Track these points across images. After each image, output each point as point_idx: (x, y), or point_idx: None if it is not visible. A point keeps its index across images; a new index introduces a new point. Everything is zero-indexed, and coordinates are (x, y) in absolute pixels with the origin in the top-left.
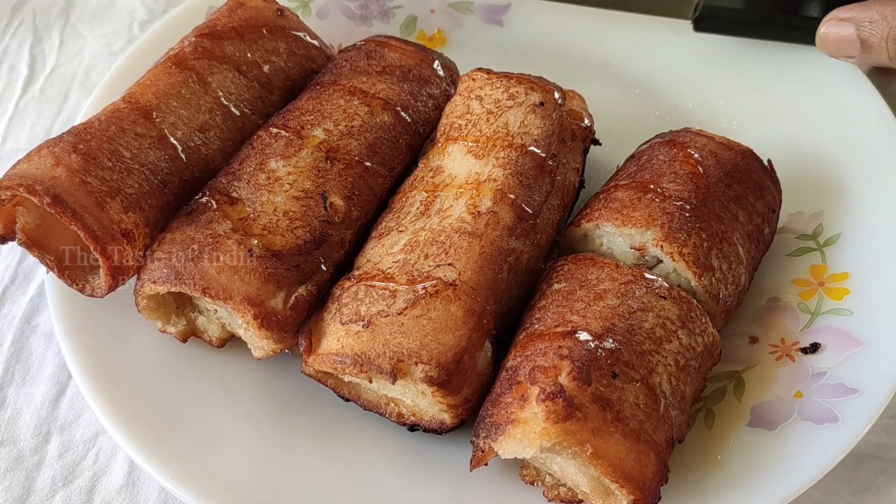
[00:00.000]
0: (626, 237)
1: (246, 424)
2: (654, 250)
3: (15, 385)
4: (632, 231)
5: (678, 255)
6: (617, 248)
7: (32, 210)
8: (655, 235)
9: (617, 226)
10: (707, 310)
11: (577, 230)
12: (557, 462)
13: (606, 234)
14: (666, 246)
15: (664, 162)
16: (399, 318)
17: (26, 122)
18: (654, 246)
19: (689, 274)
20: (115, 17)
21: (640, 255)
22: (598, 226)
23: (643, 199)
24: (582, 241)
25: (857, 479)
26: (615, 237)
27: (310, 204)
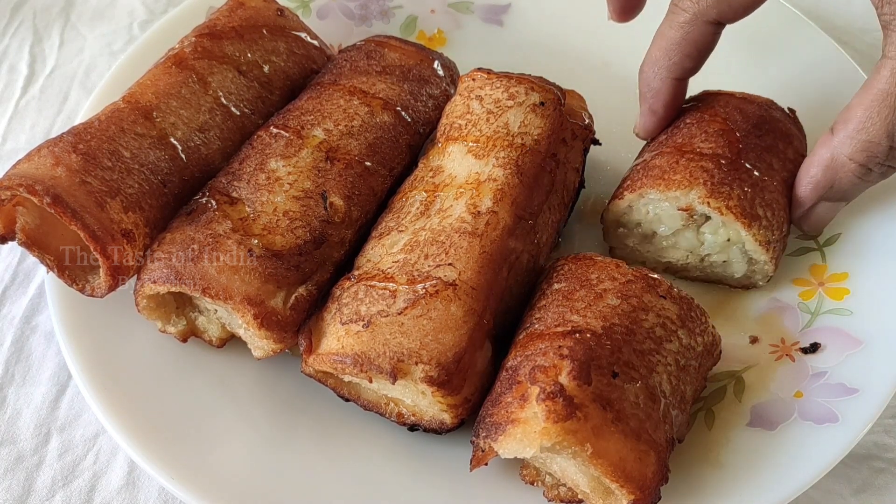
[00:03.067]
0: (671, 200)
1: (246, 424)
2: (702, 207)
3: (15, 385)
4: (676, 193)
5: (725, 208)
6: (664, 213)
7: (32, 210)
8: (700, 193)
9: (661, 191)
10: (757, 258)
11: (621, 202)
12: (557, 462)
13: (651, 201)
14: (712, 202)
15: (692, 124)
16: (399, 318)
17: (26, 122)
18: (701, 203)
19: (738, 225)
20: (115, 17)
21: (688, 215)
22: (643, 195)
23: (681, 162)
24: (627, 212)
25: (857, 479)
26: (660, 203)
27: (310, 204)
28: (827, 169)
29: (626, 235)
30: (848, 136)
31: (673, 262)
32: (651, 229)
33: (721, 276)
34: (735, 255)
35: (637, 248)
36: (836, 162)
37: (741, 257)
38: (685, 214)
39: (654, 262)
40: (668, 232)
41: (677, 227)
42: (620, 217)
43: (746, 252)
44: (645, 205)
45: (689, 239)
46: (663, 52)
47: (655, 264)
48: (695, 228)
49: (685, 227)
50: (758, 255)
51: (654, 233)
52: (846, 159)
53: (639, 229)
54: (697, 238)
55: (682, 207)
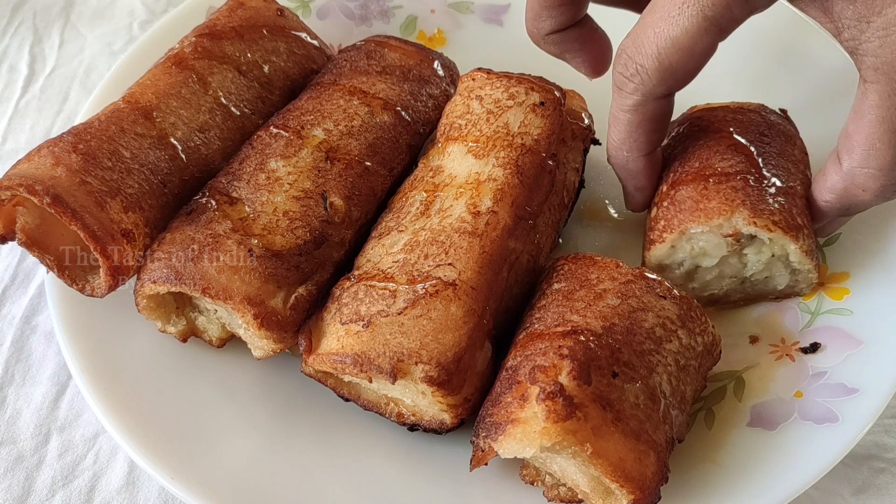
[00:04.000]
0: (715, 230)
1: (246, 424)
2: (748, 229)
3: (15, 385)
4: (719, 221)
5: (772, 224)
6: (708, 244)
7: (32, 210)
8: (744, 216)
9: (703, 222)
10: (801, 268)
11: (662, 246)
12: (557, 462)
13: (694, 236)
14: (758, 221)
15: (701, 146)
16: (399, 318)
17: (26, 122)
18: (747, 225)
19: (787, 240)
20: (115, 17)
21: (734, 240)
22: (684, 231)
23: (709, 188)
24: (670, 254)
25: (857, 479)
26: (704, 235)
27: (310, 204)
28: (841, 197)
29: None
30: (857, 166)
31: (716, 293)
32: (695, 265)
33: (762, 292)
34: (778, 269)
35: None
36: (849, 192)
37: (784, 270)
38: (731, 241)
39: (696, 296)
40: (713, 263)
41: (723, 255)
42: (663, 261)
43: (790, 264)
44: (688, 241)
45: (732, 265)
46: (625, 135)
47: (697, 299)
48: (738, 253)
49: (729, 255)
50: (802, 265)
51: (696, 268)
52: (860, 190)
53: (681, 269)
54: (741, 262)
55: (727, 234)
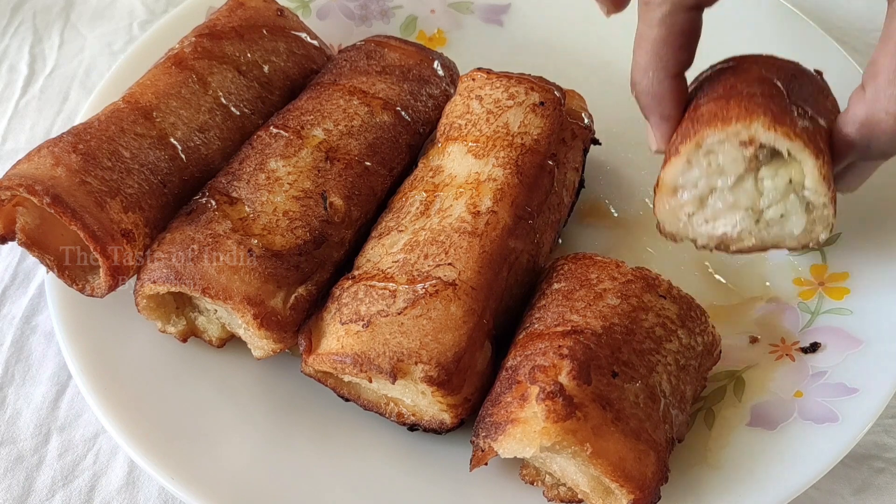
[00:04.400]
0: (732, 137)
1: (246, 424)
2: (767, 135)
3: (15, 385)
4: (737, 127)
5: (793, 134)
6: (726, 157)
7: (32, 210)
8: (763, 122)
9: (720, 128)
10: (816, 201)
11: (678, 159)
12: (557, 462)
13: (711, 146)
14: (778, 128)
15: (728, 77)
16: (399, 318)
17: (26, 122)
18: (767, 130)
19: (806, 154)
20: (115, 17)
21: (752, 152)
22: (700, 141)
23: (731, 102)
24: (685, 170)
25: (857, 479)
26: (721, 145)
27: (310, 204)
28: (862, 126)
29: (680, 206)
30: (881, 89)
31: (728, 233)
32: (709, 186)
33: (778, 239)
34: (793, 205)
35: (690, 224)
36: (872, 119)
37: (799, 207)
38: (748, 155)
39: (708, 237)
40: (729, 183)
41: (739, 173)
42: (677, 180)
43: (805, 197)
44: (705, 155)
45: (747, 193)
46: (651, 54)
47: (708, 240)
48: (754, 176)
49: (746, 175)
50: (818, 197)
51: (711, 191)
52: (883, 114)
53: (695, 190)
54: (756, 188)
55: (744, 141)
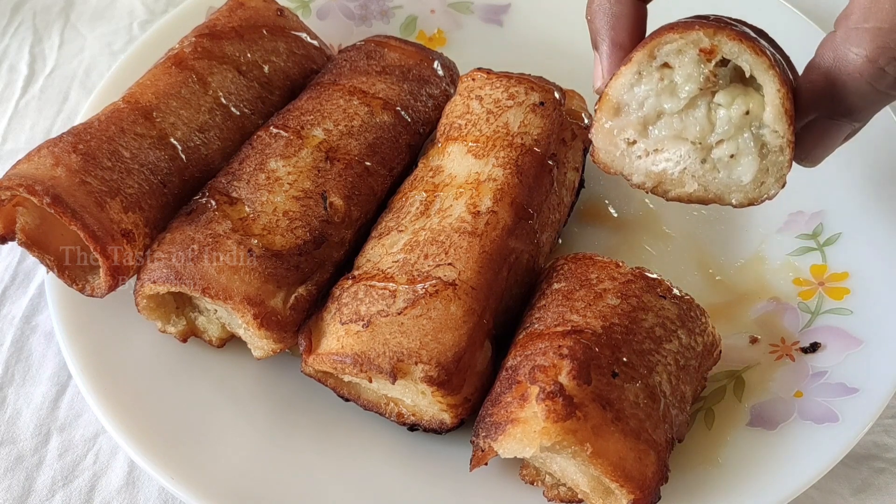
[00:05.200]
0: (692, 46)
1: (246, 424)
2: (731, 45)
3: (15, 385)
4: (700, 34)
5: (760, 50)
6: (681, 71)
7: (32, 210)
8: (730, 34)
9: (679, 33)
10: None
11: (628, 69)
12: (557, 461)
13: (667, 55)
14: (746, 42)
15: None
16: (399, 318)
17: (26, 122)
18: (730, 41)
19: (771, 76)
20: (115, 17)
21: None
22: (655, 49)
23: (695, 20)
24: (634, 83)
25: (857, 479)
26: (679, 56)
27: (310, 204)
28: (829, 71)
29: (621, 128)
30: (852, 27)
31: (668, 171)
32: (656, 109)
33: (724, 187)
34: (745, 144)
35: (628, 154)
36: (840, 61)
37: (752, 147)
38: (705, 73)
39: (645, 173)
40: (679, 106)
41: (693, 93)
42: (624, 93)
43: (761, 136)
44: (659, 67)
45: (698, 122)
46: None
47: (645, 177)
48: (708, 101)
49: (700, 98)
50: (775, 136)
51: (658, 116)
52: (853, 55)
53: (640, 112)
54: (709, 117)
55: (705, 48)
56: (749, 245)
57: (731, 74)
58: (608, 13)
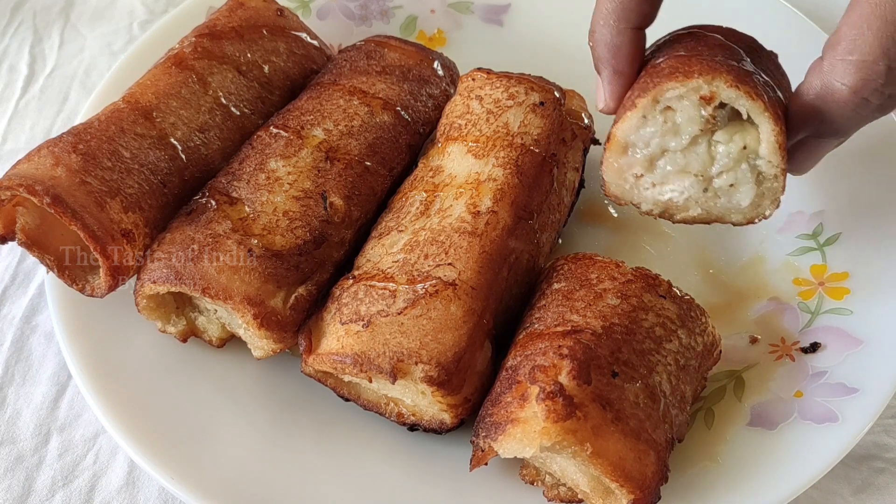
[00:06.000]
0: (692, 93)
1: (246, 424)
2: (729, 92)
3: (15, 385)
4: (699, 82)
5: (754, 94)
6: (683, 115)
7: (32, 210)
8: (726, 80)
9: (681, 82)
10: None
11: (634, 113)
12: (557, 461)
13: (669, 101)
14: (741, 87)
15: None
16: (399, 318)
17: (26, 122)
18: (728, 87)
19: (766, 117)
20: (115, 17)
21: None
22: (659, 96)
23: (693, 60)
24: (640, 125)
25: (857, 479)
26: (680, 100)
27: (310, 204)
28: (818, 97)
29: (629, 165)
30: (838, 58)
31: (674, 200)
32: (661, 147)
33: (725, 211)
34: (744, 174)
35: (636, 186)
36: (827, 90)
37: (750, 177)
38: (705, 115)
39: (653, 202)
40: (682, 144)
41: (694, 133)
42: (630, 135)
43: (757, 167)
44: (661, 111)
45: (699, 157)
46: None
47: (653, 205)
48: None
49: (700, 137)
50: (770, 167)
51: (662, 152)
52: (839, 85)
53: (647, 150)
54: (709, 152)
55: (705, 96)
56: (749, 245)
57: (728, 113)
58: (609, 43)
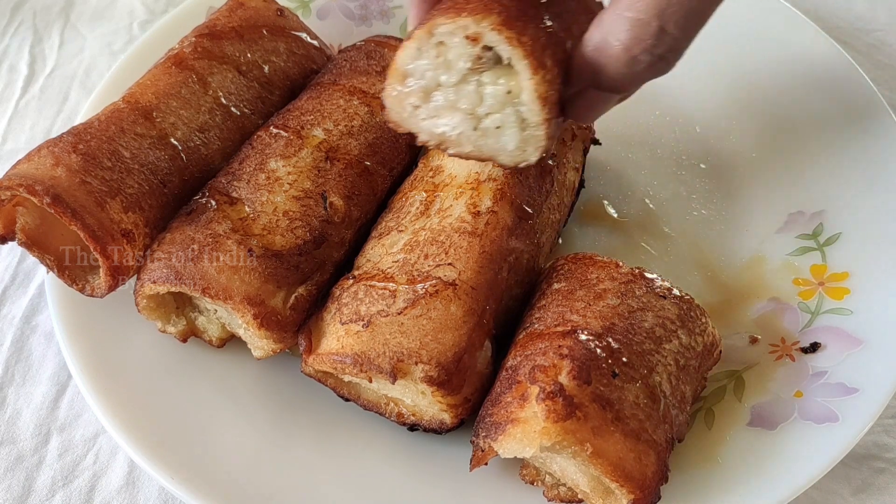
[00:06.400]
0: (460, 30)
1: (246, 424)
2: (491, 35)
3: (15, 385)
4: (467, 21)
5: (517, 41)
6: (452, 52)
7: (32, 210)
8: (493, 21)
9: (451, 18)
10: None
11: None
12: (557, 461)
13: (441, 36)
14: (504, 30)
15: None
16: (399, 318)
17: (26, 122)
18: (492, 30)
19: (525, 64)
20: (115, 17)
21: (478, 52)
22: (432, 30)
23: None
24: (415, 57)
25: (857, 479)
26: (451, 37)
27: (310, 204)
28: (595, 50)
29: (406, 95)
30: (616, 13)
31: (447, 134)
32: (435, 80)
33: (494, 151)
34: (508, 118)
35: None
36: (603, 43)
37: (515, 122)
38: (473, 55)
39: (429, 133)
40: (452, 81)
41: (463, 72)
42: (407, 65)
43: (520, 113)
44: (436, 44)
45: (469, 95)
46: None
47: (429, 137)
48: (478, 78)
49: (469, 76)
50: (532, 115)
51: (437, 86)
52: (613, 40)
53: (422, 81)
54: (478, 92)
55: (470, 35)
56: (749, 245)
57: (497, 56)
58: None
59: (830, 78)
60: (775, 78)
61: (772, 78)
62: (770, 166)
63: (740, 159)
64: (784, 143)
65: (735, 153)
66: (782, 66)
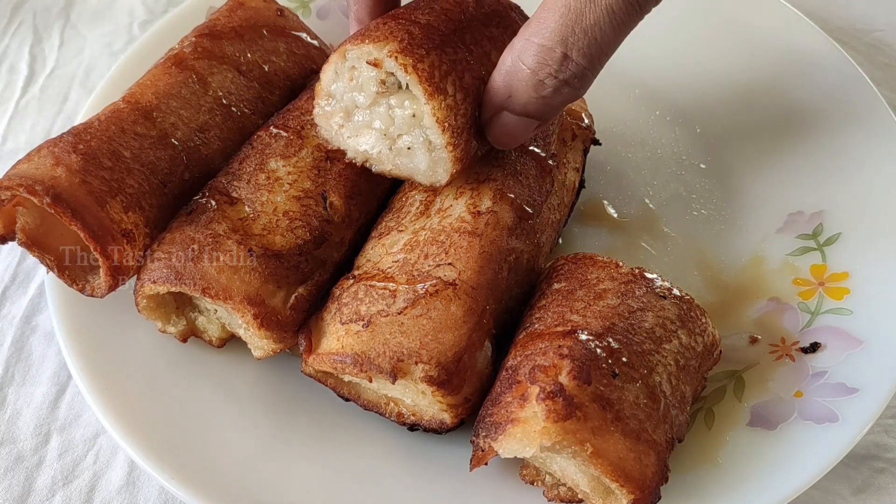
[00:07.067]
0: (364, 56)
1: (246, 424)
2: (389, 62)
3: (15, 385)
4: (370, 47)
5: (412, 67)
6: (364, 75)
7: (32, 210)
8: (392, 49)
9: (356, 44)
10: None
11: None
12: (557, 462)
13: (353, 60)
14: (400, 57)
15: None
16: (399, 318)
17: (26, 122)
18: (390, 57)
19: (420, 90)
20: (115, 17)
21: (381, 80)
22: (344, 54)
23: (389, 24)
24: (334, 79)
25: (857, 479)
26: (360, 61)
27: (310, 204)
28: (507, 75)
29: (332, 114)
30: (525, 38)
31: (369, 152)
32: (353, 101)
33: (410, 170)
34: (418, 140)
35: (340, 134)
36: (514, 67)
37: (423, 144)
38: (378, 79)
39: (354, 151)
40: (366, 102)
41: (373, 95)
42: (330, 86)
43: (427, 136)
44: (349, 68)
45: (382, 115)
46: None
47: (355, 154)
48: (387, 103)
49: (380, 98)
50: (436, 137)
51: (355, 106)
52: (521, 65)
53: (342, 102)
54: (388, 115)
55: (370, 61)
56: (749, 245)
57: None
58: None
59: (830, 78)
60: (775, 78)
61: (772, 78)
62: (770, 166)
63: (740, 159)
64: (784, 143)
65: (735, 153)
66: (782, 67)
